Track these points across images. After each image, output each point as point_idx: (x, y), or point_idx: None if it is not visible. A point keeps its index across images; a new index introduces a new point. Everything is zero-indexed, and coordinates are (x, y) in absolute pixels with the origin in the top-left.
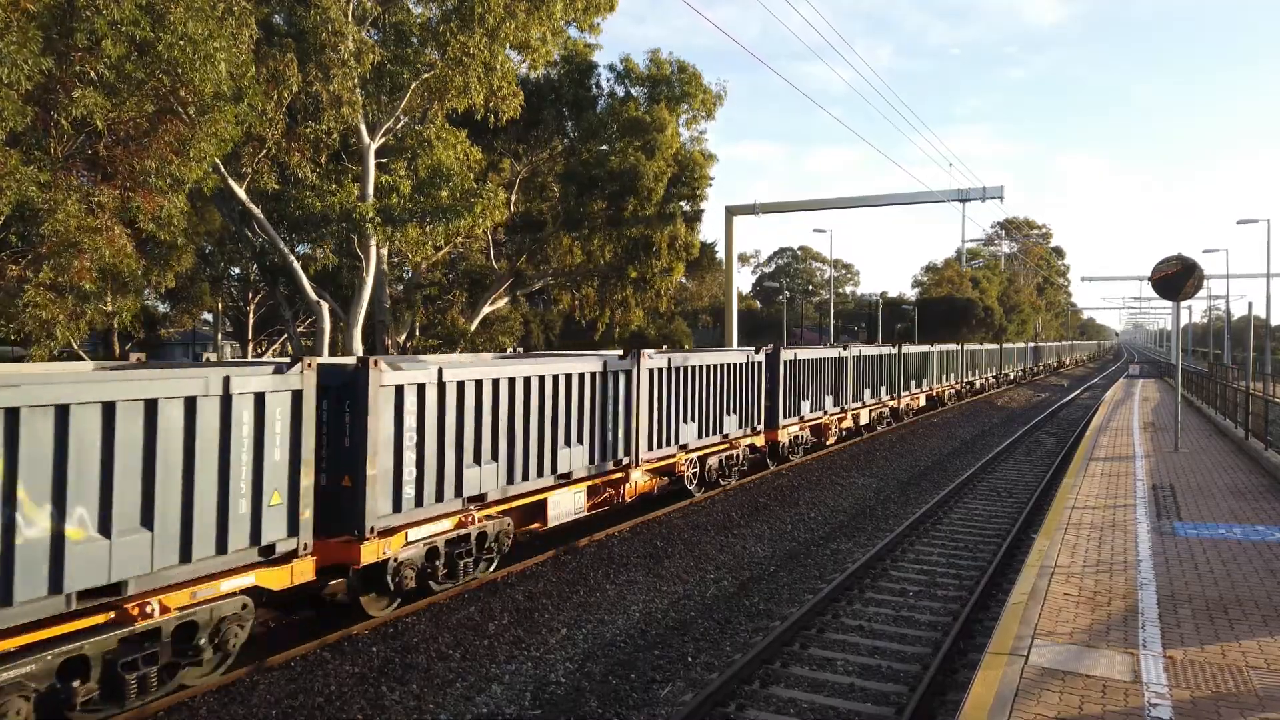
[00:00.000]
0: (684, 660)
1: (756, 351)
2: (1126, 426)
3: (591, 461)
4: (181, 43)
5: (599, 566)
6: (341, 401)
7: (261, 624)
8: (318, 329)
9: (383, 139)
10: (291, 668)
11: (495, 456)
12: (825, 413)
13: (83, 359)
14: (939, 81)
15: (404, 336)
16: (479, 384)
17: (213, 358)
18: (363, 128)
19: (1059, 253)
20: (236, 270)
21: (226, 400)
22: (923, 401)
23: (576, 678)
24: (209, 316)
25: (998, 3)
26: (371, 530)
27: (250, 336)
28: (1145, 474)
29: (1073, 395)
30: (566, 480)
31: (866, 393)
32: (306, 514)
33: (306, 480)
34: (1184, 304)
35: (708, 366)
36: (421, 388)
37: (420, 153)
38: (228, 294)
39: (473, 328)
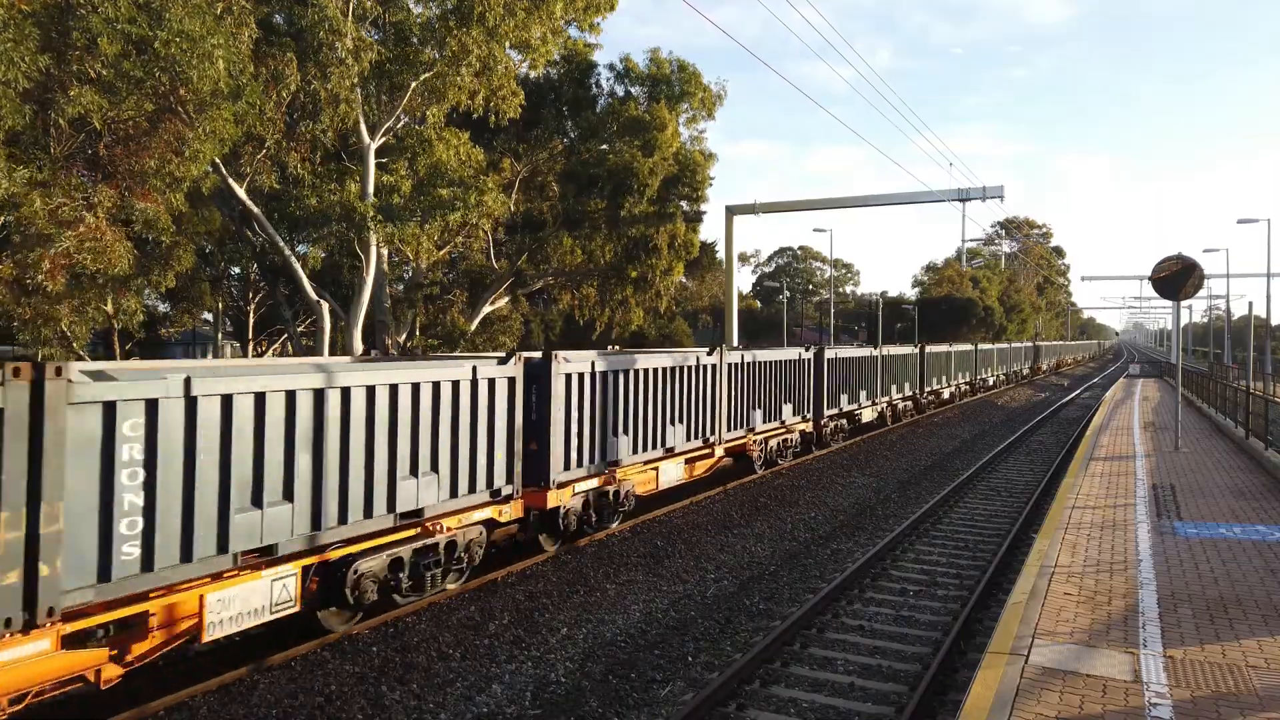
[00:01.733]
0: (684, 660)
1: (807, 349)
2: (1127, 426)
3: (688, 439)
4: (178, 40)
5: (599, 566)
6: (530, 386)
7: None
8: (318, 329)
9: (383, 139)
10: (292, 667)
11: (627, 431)
12: (859, 405)
13: (83, 359)
14: (940, 81)
15: (404, 336)
16: (618, 374)
17: (225, 354)
18: (363, 127)
19: (1059, 252)
20: (237, 270)
21: (474, 384)
22: (945, 395)
23: (577, 677)
24: (209, 316)
25: (1000, 2)
26: (553, 482)
27: (250, 336)
28: (1146, 473)
29: (1073, 395)
30: (671, 453)
31: (894, 388)
32: (518, 468)
33: (518, 444)
34: (1184, 303)
35: (772, 362)
36: (581, 376)
37: (420, 152)
38: (228, 294)
39: (473, 327)
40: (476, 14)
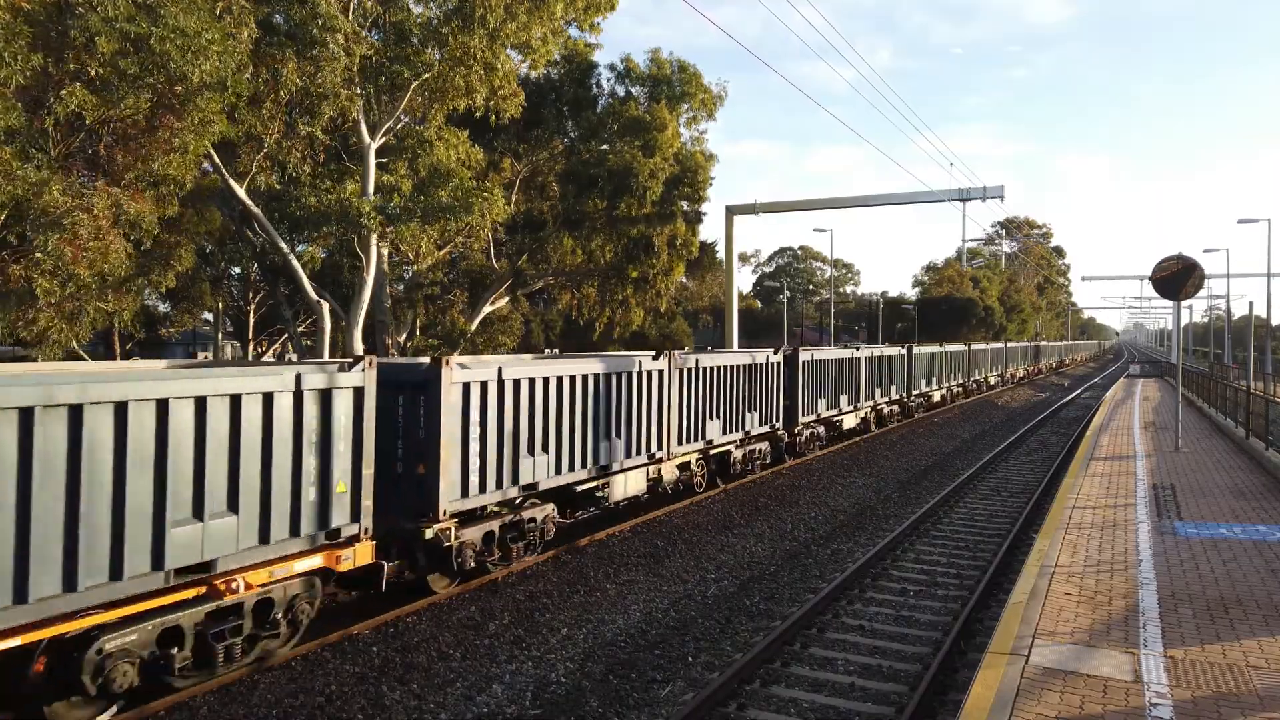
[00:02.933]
0: (684, 660)
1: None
2: (1127, 426)
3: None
4: (174, 36)
5: (599, 566)
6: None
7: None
8: (318, 329)
9: (383, 139)
10: (292, 667)
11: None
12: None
13: (84, 359)
14: (941, 81)
15: (404, 336)
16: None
17: (224, 356)
18: (363, 127)
19: (1059, 252)
20: (237, 270)
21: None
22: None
23: (577, 677)
24: (209, 316)
25: (1000, 2)
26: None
27: (250, 336)
28: (1146, 473)
29: (1073, 395)
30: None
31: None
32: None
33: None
34: (1185, 303)
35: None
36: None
37: (421, 152)
38: (228, 294)
39: (473, 327)
40: (478, 15)
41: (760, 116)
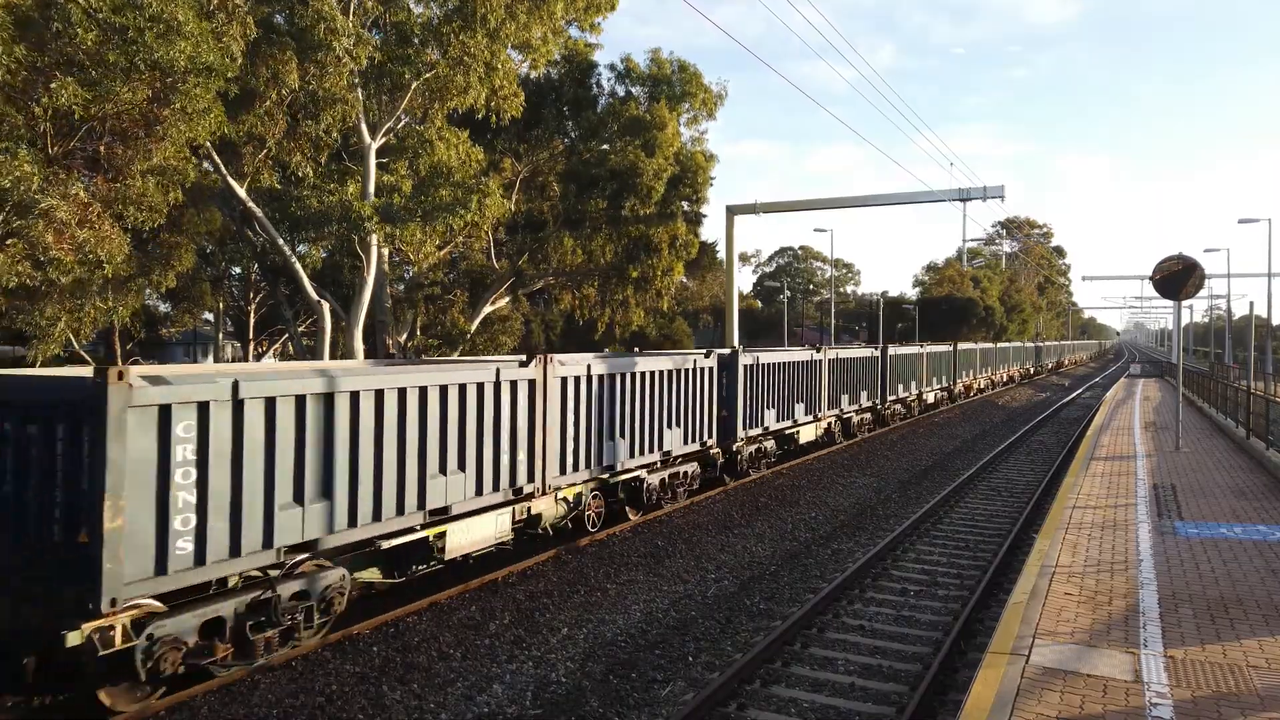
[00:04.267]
0: (685, 660)
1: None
2: (1127, 426)
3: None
4: (151, 25)
5: (600, 566)
6: (723, 372)
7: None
8: (319, 329)
9: (384, 139)
10: (293, 667)
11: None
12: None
13: (86, 360)
14: (941, 81)
15: (405, 336)
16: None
17: (225, 356)
18: (364, 127)
19: (1060, 252)
20: (237, 270)
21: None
22: (982, 384)
23: (577, 677)
24: (210, 316)
25: (1001, 2)
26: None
27: (251, 336)
28: (1146, 473)
29: (1074, 395)
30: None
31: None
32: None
33: (722, 411)
34: (1185, 303)
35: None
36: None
37: (421, 152)
38: (228, 294)
39: (473, 327)
40: (478, 15)
41: (760, 116)
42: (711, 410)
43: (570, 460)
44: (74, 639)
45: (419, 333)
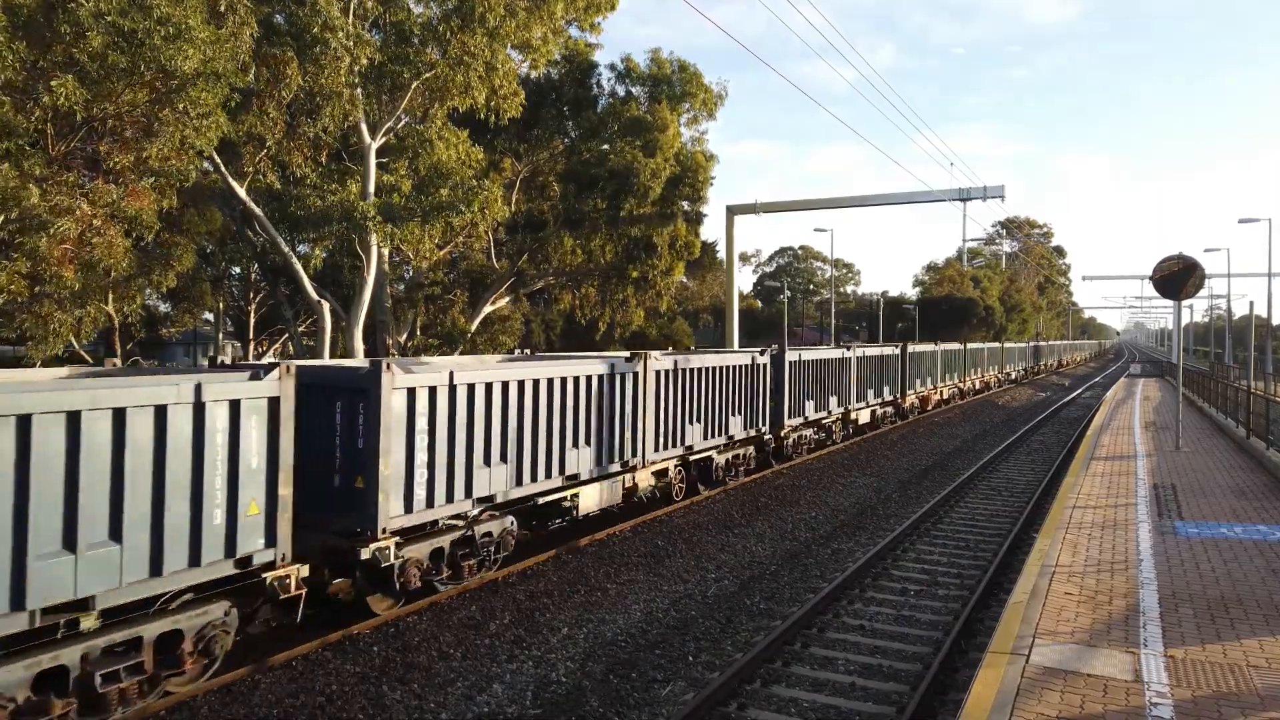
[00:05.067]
0: (685, 659)
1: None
2: (1128, 426)
3: (858, 400)
4: (160, 28)
5: (600, 566)
6: (774, 367)
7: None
8: (319, 328)
9: (384, 139)
10: (293, 667)
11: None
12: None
13: (86, 360)
14: (941, 80)
15: (405, 336)
16: (818, 362)
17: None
18: (364, 127)
19: (1060, 252)
20: (238, 270)
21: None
22: (990, 380)
23: (577, 677)
24: (210, 316)
25: (1001, 1)
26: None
27: (251, 336)
28: (1146, 473)
29: (1074, 395)
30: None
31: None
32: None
33: (772, 402)
34: (1185, 303)
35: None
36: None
37: (421, 152)
38: (229, 294)
39: (473, 327)
40: (478, 15)
41: (761, 116)
42: (765, 401)
43: (661, 440)
44: (365, 554)
45: (419, 333)
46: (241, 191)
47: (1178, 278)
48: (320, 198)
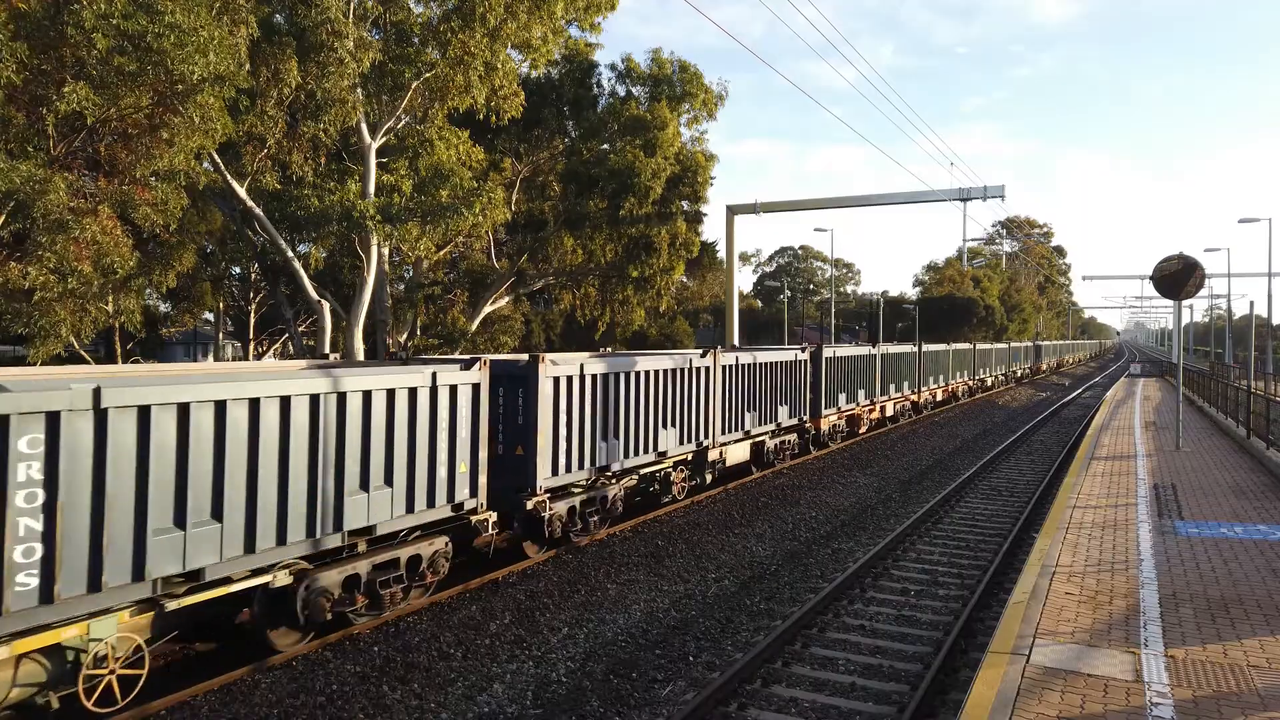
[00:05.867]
0: (685, 659)
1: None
2: (1128, 426)
3: (881, 394)
4: (169, 32)
5: (600, 565)
6: (812, 363)
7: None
8: (319, 328)
9: (384, 138)
10: (293, 667)
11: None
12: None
13: (86, 360)
14: (943, 80)
15: (405, 336)
16: (849, 358)
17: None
18: (364, 127)
19: (1060, 252)
20: (238, 270)
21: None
22: (1003, 378)
23: (578, 677)
24: (210, 316)
25: (1004, 1)
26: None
27: (251, 336)
28: (1147, 473)
29: (1074, 394)
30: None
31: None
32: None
33: (810, 394)
34: (1185, 303)
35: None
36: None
37: (421, 152)
38: (229, 293)
39: (474, 327)
40: (478, 15)
41: (761, 116)
42: (806, 393)
43: (726, 424)
44: (529, 505)
45: (419, 332)
46: (241, 191)
47: (1178, 278)
48: (320, 197)
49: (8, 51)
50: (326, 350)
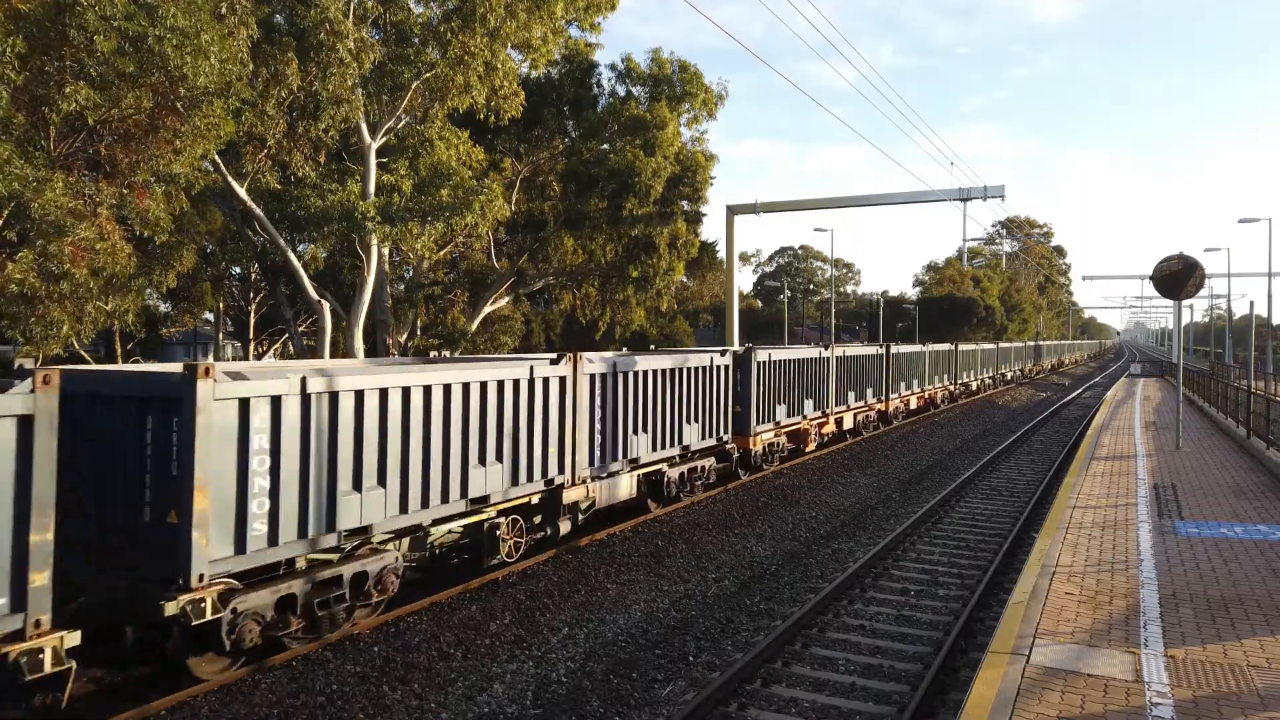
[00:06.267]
0: (685, 659)
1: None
2: (1128, 426)
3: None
4: (171, 35)
5: (600, 565)
6: (741, 368)
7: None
8: (319, 328)
9: (384, 138)
10: (293, 667)
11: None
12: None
13: (87, 360)
14: (943, 80)
15: (405, 336)
16: (858, 357)
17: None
18: (364, 127)
19: (1060, 251)
20: (238, 270)
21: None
22: (1016, 373)
23: (578, 677)
24: (210, 316)
25: (1005, 0)
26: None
27: (251, 336)
28: (1147, 473)
29: (1074, 394)
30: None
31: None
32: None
33: (738, 409)
34: (1185, 303)
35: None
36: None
37: (422, 152)
38: (229, 294)
39: (474, 327)
40: (478, 15)
41: (761, 116)
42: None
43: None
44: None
45: (419, 333)
46: (241, 191)
47: (1178, 277)
48: (320, 197)
49: (11, 52)
50: (327, 351)
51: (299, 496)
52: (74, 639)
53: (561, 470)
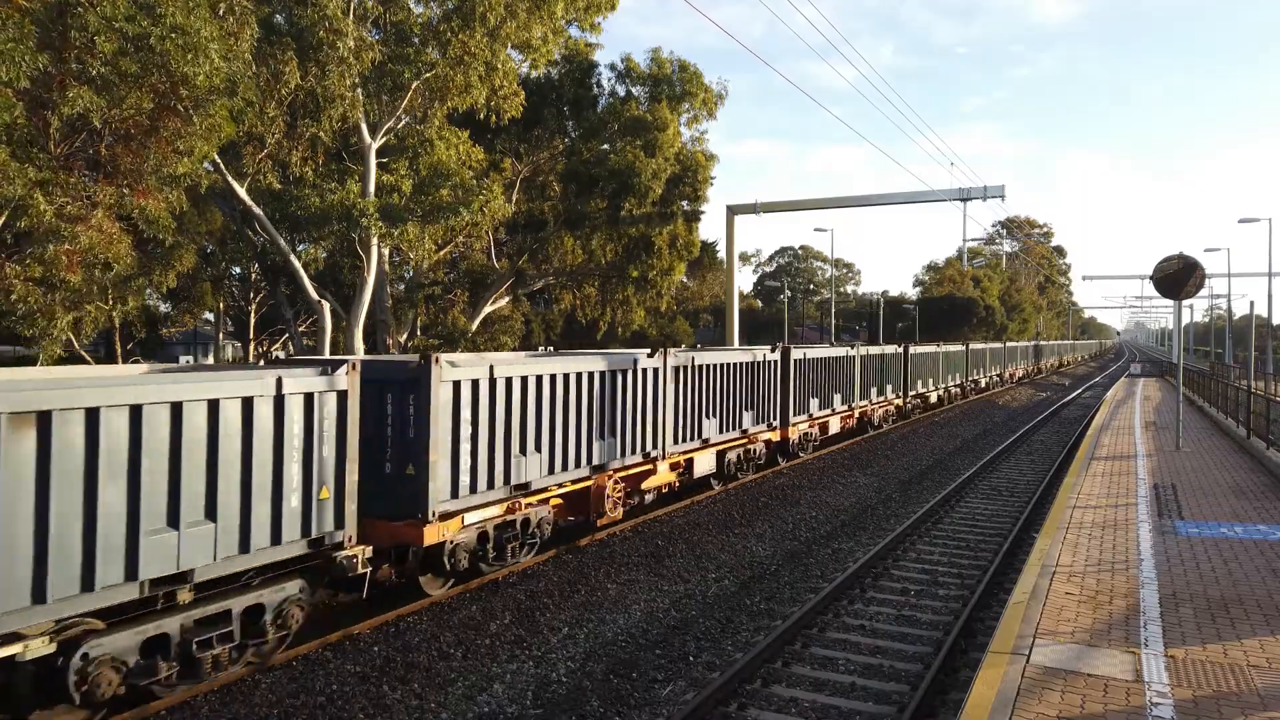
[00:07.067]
0: (685, 659)
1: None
2: (1128, 426)
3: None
4: (173, 35)
5: (600, 565)
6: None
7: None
8: (319, 328)
9: (384, 138)
10: (293, 667)
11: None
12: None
13: (86, 360)
14: (943, 80)
15: (405, 336)
16: (879, 355)
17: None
18: (364, 127)
19: (1060, 252)
20: (238, 270)
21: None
22: (1020, 373)
23: (578, 677)
24: (210, 316)
25: (1005, 0)
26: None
27: (251, 336)
28: (1147, 473)
29: (1074, 394)
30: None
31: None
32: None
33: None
34: (1185, 303)
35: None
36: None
37: (421, 152)
38: (229, 294)
39: (474, 327)
40: (478, 15)
41: (762, 116)
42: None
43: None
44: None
45: (419, 332)
46: (241, 191)
47: (1178, 278)
48: (320, 197)
49: (25, 57)
50: (327, 351)
51: (488, 456)
52: (369, 551)
53: (655, 446)
